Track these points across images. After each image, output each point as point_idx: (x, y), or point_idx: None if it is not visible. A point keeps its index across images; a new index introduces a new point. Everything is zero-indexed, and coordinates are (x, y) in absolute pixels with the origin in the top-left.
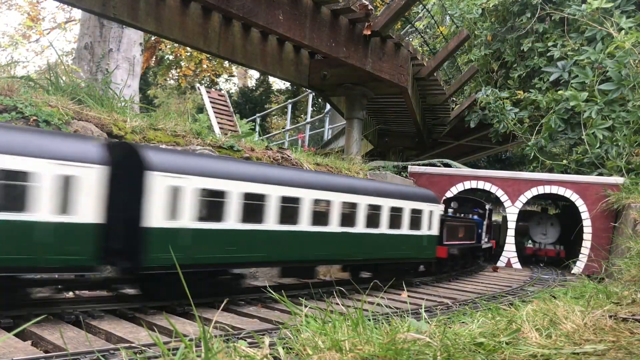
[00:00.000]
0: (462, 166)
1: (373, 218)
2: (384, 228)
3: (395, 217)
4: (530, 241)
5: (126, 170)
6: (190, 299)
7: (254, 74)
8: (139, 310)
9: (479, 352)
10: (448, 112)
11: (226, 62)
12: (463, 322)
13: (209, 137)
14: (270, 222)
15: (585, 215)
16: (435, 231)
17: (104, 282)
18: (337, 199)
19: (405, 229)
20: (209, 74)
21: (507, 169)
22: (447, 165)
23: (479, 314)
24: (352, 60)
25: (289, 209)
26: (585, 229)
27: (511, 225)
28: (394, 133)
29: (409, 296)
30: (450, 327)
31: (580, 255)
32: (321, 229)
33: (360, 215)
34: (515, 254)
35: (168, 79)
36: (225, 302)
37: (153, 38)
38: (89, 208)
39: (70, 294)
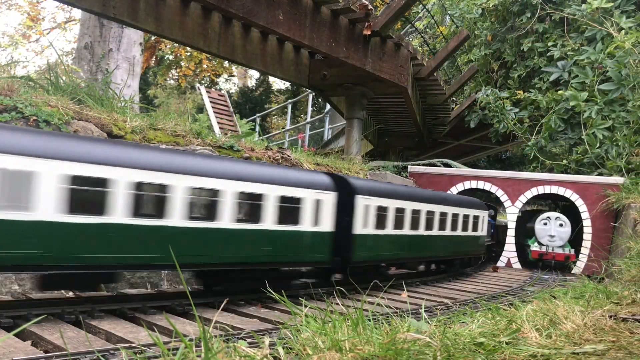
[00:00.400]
0: (462, 166)
1: (454, 224)
2: (459, 231)
3: (465, 222)
4: (536, 244)
5: (342, 195)
6: (190, 298)
7: (254, 74)
8: (139, 310)
9: (479, 352)
10: (448, 112)
11: (226, 62)
12: (463, 322)
13: (209, 137)
14: (406, 228)
15: (585, 215)
16: (485, 232)
17: (319, 273)
18: (450, 211)
19: (469, 232)
20: (209, 74)
21: (507, 169)
22: (447, 165)
23: (479, 314)
24: (352, 60)
25: (415, 218)
26: (585, 229)
27: (511, 225)
28: (394, 133)
29: (409, 296)
30: (450, 327)
31: (580, 255)
32: (432, 233)
33: (448, 221)
34: (515, 254)
35: (168, 79)
36: (225, 302)
37: (153, 38)
38: (327, 221)
39: (71, 294)
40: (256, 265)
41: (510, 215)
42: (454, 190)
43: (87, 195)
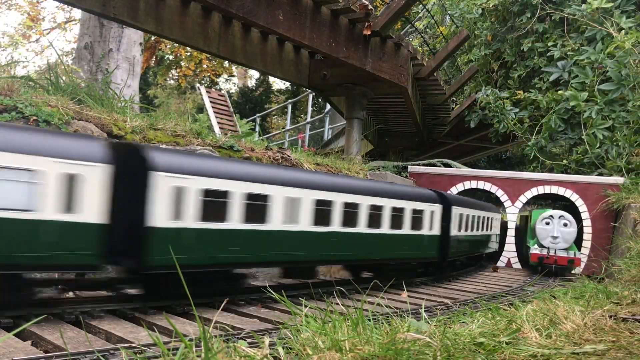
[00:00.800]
0: (462, 166)
1: (485, 225)
2: (487, 231)
3: (488, 223)
4: (536, 245)
5: (443, 207)
6: (190, 298)
7: (254, 74)
8: (139, 310)
9: (479, 352)
10: (448, 112)
11: (226, 62)
12: (463, 322)
13: (208, 137)
14: (468, 230)
15: (585, 215)
16: (497, 231)
17: (415, 266)
18: (485, 215)
19: (492, 231)
20: (209, 74)
21: (507, 169)
22: (447, 165)
23: (479, 314)
24: (352, 60)
25: (472, 222)
26: (585, 229)
27: (511, 225)
28: (394, 133)
29: (409, 296)
30: (450, 327)
31: (580, 255)
32: (478, 233)
33: (485, 223)
34: (515, 254)
35: (168, 79)
36: (225, 302)
37: (153, 38)
38: (436, 227)
39: (71, 294)
40: (396, 260)
41: (510, 215)
42: (454, 190)
43: (322, 212)
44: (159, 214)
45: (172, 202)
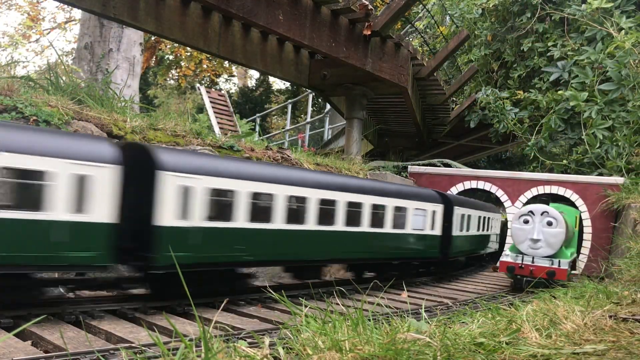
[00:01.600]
0: (462, 166)
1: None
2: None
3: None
4: (507, 252)
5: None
6: (190, 298)
7: (254, 74)
8: (139, 310)
9: (479, 352)
10: (448, 112)
11: (226, 62)
12: (463, 322)
13: (209, 137)
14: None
15: (585, 215)
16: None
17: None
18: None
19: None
20: (209, 74)
21: (507, 169)
22: (447, 165)
23: (479, 314)
24: (352, 60)
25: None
26: (585, 229)
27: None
28: (394, 133)
29: (409, 296)
30: (450, 327)
31: (581, 255)
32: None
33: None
34: None
35: (168, 79)
36: (225, 302)
37: (153, 38)
38: (495, 229)
39: (71, 294)
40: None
41: (510, 215)
42: (454, 190)
43: (466, 220)
44: (455, 228)
45: (458, 222)
